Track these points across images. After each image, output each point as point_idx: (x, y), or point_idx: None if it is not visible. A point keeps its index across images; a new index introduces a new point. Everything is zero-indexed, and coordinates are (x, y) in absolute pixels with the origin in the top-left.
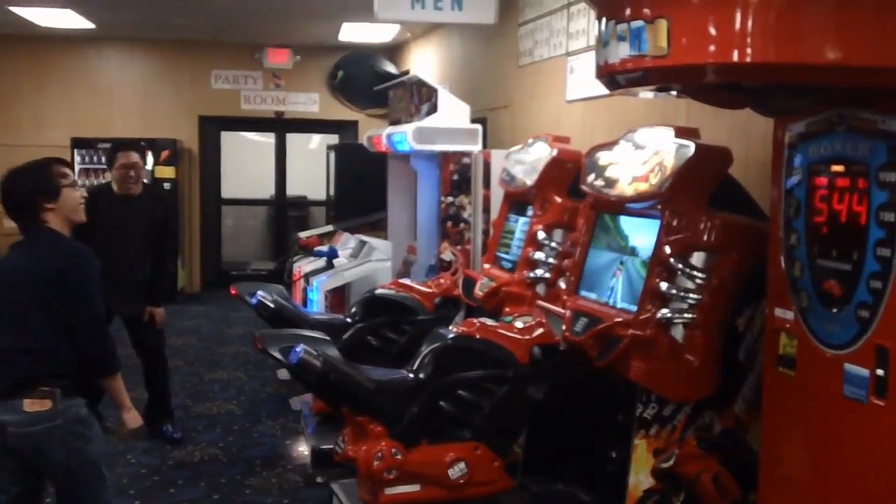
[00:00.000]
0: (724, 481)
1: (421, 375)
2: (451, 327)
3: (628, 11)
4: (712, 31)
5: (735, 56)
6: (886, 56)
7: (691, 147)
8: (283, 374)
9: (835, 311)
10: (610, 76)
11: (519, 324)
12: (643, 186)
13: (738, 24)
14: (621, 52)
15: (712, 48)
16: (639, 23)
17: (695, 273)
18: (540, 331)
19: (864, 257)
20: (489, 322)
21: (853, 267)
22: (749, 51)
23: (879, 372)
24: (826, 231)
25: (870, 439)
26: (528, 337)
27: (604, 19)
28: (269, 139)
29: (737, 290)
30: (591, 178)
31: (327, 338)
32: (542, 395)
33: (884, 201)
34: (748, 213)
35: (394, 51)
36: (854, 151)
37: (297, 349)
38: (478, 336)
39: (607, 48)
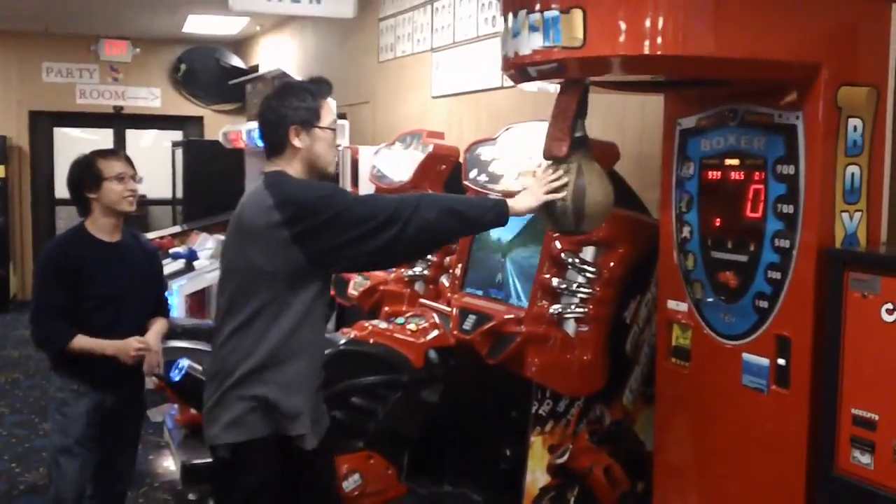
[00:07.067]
0: (615, 473)
1: None
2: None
3: (540, 3)
4: (630, 21)
5: (646, 48)
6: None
7: None
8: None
9: (731, 301)
10: (520, 68)
11: (412, 326)
12: (531, 181)
13: (656, 15)
14: (533, 42)
15: (624, 39)
16: (553, 13)
17: (585, 267)
18: (435, 333)
19: (760, 249)
20: (382, 325)
21: (749, 258)
22: (660, 41)
23: (781, 361)
24: (720, 223)
25: (769, 427)
26: (422, 340)
27: (513, 10)
28: (106, 136)
29: (625, 283)
30: (473, 173)
31: (207, 348)
32: (436, 399)
33: (782, 193)
34: (631, 206)
35: (240, 44)
36: (749, 145)
37: (180, 365)
38: (371, 340)
39: (517, 39)
